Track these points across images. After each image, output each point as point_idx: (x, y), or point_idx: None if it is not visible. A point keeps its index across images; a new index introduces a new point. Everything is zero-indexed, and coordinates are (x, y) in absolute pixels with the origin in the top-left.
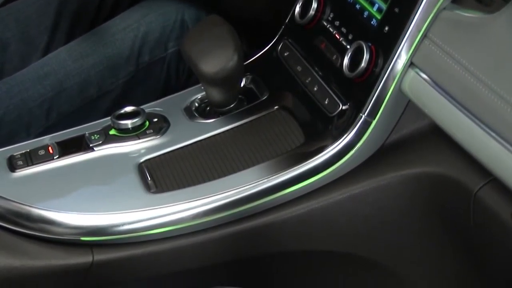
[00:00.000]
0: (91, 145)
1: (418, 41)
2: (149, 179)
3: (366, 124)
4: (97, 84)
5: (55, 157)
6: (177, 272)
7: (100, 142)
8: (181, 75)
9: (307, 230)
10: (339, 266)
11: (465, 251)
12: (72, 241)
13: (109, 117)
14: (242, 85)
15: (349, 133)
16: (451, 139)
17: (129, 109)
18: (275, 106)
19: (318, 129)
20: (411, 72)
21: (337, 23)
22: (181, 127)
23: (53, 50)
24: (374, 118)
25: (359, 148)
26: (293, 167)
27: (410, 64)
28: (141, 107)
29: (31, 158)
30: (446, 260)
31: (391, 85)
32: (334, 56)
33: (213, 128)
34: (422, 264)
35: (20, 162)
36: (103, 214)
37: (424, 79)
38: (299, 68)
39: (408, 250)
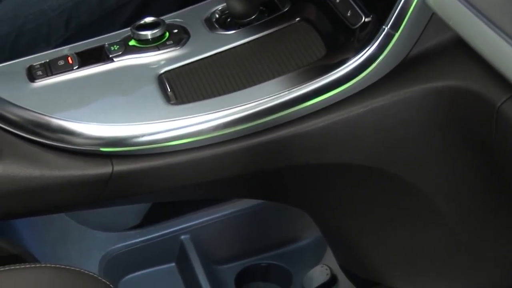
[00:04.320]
0: (110, 55)
1: None
2: (169, 90)
3: (389, 37)
4: None
5: (74, 68)
6: (196, 184)
7: (120, 53)
8: None
9: (328, 143)
10: (358, 179)
11: (487, 165)
12: (92, 151)
13: (128, 28)
14: None
15: (371, 46)
16: (475, 53)
17: (148, 20)
18: (297, 18)
19: (340, 41)
20: None
21: None
22: (201, 38)
23: None
24: (397, 31)
25: (381, 61)
26: (314, 80)
27: None
28: (161, 18)
29: (50, 69)
30: (466, 174)
31: None
32: None
33: (233, 40)
34: (442, 179)
35: (40, 72)
36: (123, 125)
37: None
38: None
39: (428, 164)
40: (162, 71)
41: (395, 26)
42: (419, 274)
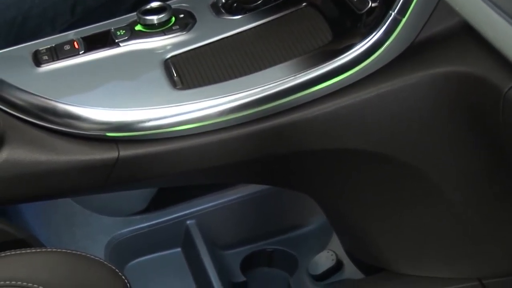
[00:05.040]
0: (116, 40)
1: None
2: (175, 75)
3: (396, 22)
4: None
5: (80, 52)
6: (201, 169)
7: (126, 37)
8: None
9: (334, 129)
10: (364, 165)
11: (494, 151)
12: (98, 136)
13: (134, 13)
14: None
15: (378, 31)
16: (482, 38)
17: (155, 4)
18: (303, 3)
19: (347, 26)
20: None
21: None
22: (207, 23)
23: None
24: (404, 16)
25: (388, 46)
26: (320, 65)
27: None
28: (167, 2)
29: (56, 53)
30: (473, 159)
31: None
32: None
33: (240, 25)
34: (449, 164)
35: (46, 57)
36: (129, 109)
37: None
38: None
39: (435, 150)
40: (168, 56)
41: (402, 11)
42: (424, 260)
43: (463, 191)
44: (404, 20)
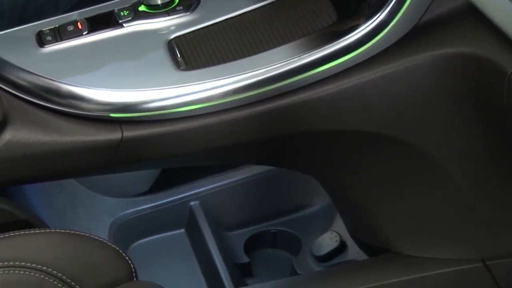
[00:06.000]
0: (120, 21)
1: None
2: (179, 56)
3: (400, 3)
4: None
5: (84, 33)
6: (205, 150)
7: (129, 18)
8: None
9: (338, 110)
10: (368, 146)
11: (496, 131)
12: (102, 117)
13: None
14: None
15: (383, 12)
16: (486, 19)
17: None
18: None
19: (351, 7)
20: None
21: None
22: (211, 4)
23: None
24: None
25: (392, 27)
26: (325, 46)
27: None
28: None
29: (60, 34)
30: (477, 140)
31: None
32: None
33: (244, 6)
34: (452, 145)
35: (49, 38)
36: (132, 90)
37: None
38: None
39: (438, 131)
40: (172, 36)
41: None
42: (428, 241)
43: (467, 172)
44: (408, 1)
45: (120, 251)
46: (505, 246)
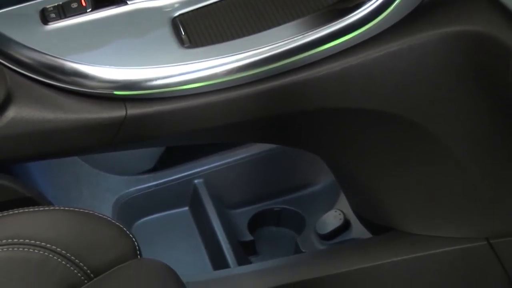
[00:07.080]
0: None
1: None
2: (183, 33)
3: None
4: None
5: (88, 10)
6: (209, 128)
7: None
8: None
9: (343, 87)
10: (372, 124)
11: (501, 110)
12: (106, 95)
13: None
14: None
15: None
16: None
17: None
18: None
19: None
20: None
21: None
22: None
23: None
24: None
25: (397, 4)
26: (329, 24)
27: None
28: None
29: (63, 11)
30: (481, 118)
31: None
32: None
33: None
34: (457, 123)
35: (53, 15)
36: (137, 68)
37: None
38: None
39: (443, 109)
40: (176, 14)
41: None
42: (432, 219)
43: (471, 150)
44: None
45: (124, 228)
46: (509, 225)
